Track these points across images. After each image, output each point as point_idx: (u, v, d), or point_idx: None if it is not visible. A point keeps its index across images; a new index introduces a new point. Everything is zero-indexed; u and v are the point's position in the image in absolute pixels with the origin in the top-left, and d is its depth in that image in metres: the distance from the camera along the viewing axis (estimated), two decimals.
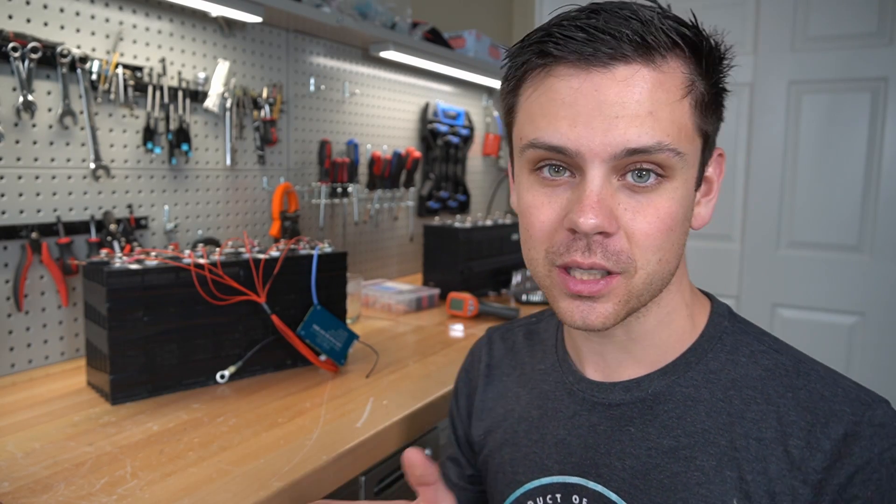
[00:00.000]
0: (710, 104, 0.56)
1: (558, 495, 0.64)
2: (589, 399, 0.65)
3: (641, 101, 0.51)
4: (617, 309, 0.55)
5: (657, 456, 0.59)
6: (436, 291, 1.93)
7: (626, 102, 0.51)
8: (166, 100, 1.46)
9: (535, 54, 0.54)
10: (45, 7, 1.23)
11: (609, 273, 0.54)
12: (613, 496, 0.60)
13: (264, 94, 1.71)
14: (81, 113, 1.29)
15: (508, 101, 0.60)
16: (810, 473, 0.53)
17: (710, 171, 0.61)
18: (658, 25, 0.51)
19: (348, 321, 1.46)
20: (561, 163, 0.55)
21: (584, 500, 0.62)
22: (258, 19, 1.53)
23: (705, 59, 0.54)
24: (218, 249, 1.23)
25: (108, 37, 1.34)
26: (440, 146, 2.48)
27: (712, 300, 0.66)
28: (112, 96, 1.35)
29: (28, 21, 1.21)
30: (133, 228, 1.41)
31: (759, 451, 0.55)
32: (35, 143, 1.23)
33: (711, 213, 0.62)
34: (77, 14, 1.28)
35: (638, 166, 0.52)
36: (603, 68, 0.51)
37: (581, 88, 0.52)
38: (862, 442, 0.52)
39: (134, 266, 1.09)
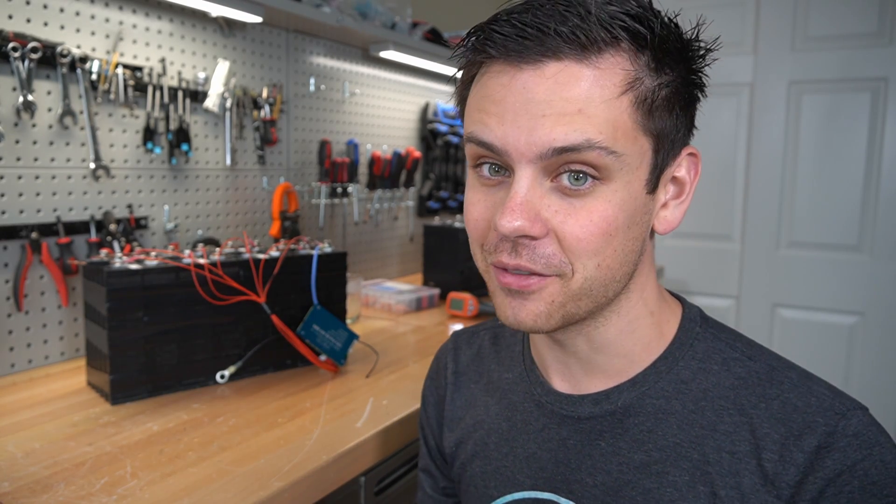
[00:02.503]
0: (665, 102, 0.51)
1: None
2: (558, 412, 0.62)
3: (570, 99, 0.48)
4: (549, 309, 0.53)
5: (629, 472, 0.57)
6: (436, 291, 1.93)
7: (553, 100, 0.48)
8: (166, 100, 1.46)
9: (471, 51, 0.54)
10: (45, 7, 1.23)
11: (540, 274, 0.52)
12: None
13: (264, 94, 1.71)
14: (81, 113, 1.29)
15: (462, 95, 0.59)
16: (783, 488, 0.51)
17: (682, 172, 0.57)
18: (596, 19, 0.48)
19: (348, 321, 1.46)
20: (496, 161, 0.53)
21: None
22: (258, 19, 1.53)
23: (655, 53, 0.50)
24: (218, 249, 1.23)
25: (108, 37, 1.34)
26: (440, 146, 2.48)
27: (684, 304, 0.63)
28: (112, 96, 1.35)
29: (28, 21, 1.21)
30: (133, 228, 1.41)
31: (731, 464, 0.53)
32: (35, 143, 1.23)
33: (682, 217, 0.57)
34: (77, 14, 1.28)
35: (570, 168, 0.50)
36: (533, 66, 0.49)
37: (510, 86, 0.50)
38: (835, 454, 0.50)
39: (134, 266, 1.09)
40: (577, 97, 0.48)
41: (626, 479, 0.57)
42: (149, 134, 1.42)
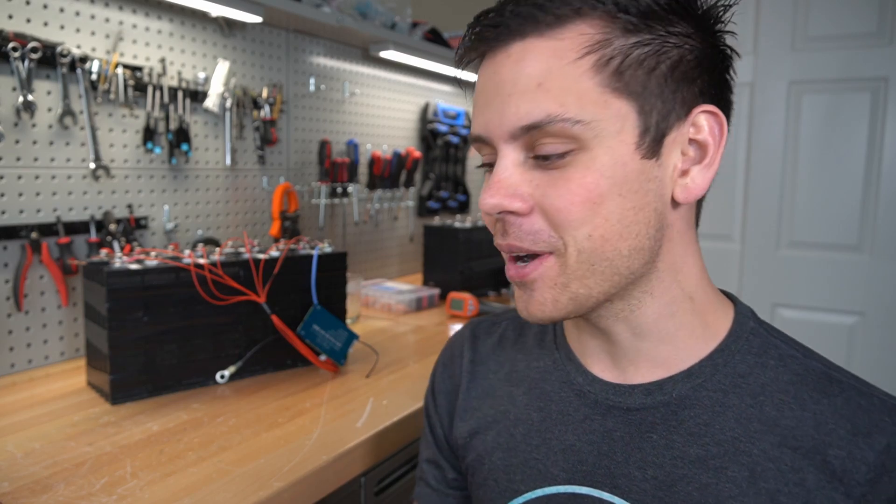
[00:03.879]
0: (639, 60, 0.49)
1: None
2: (603, 402, 0.59)
3: (531, 74, 0.50)
4: (555, 294, 0.53)
5: (683, 466, 0.54)
6: (436, 291, 1.93)
7: (518, 78, 0.50)
8: (166, 100, 1.46)
9: (466, 56, 0.56)
10: (45, 7, 1.23)
11: (537, 256, 0.53)
12: None
13: (264, 94, 1.71)
14: (81, 113, 1.29)
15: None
16: (853, 486, 0.49)
17: (702, 134, 0.53)
18: None
19: (348, 321, 1.46)
20: (490, 154, 0.55)
21: None
22: (258, 19, 1.53)
23: (634, 13, 0.49)
24: (218, 249, 1.23)
25: (108, 37, 1.34)
26: (440, 146, 2.48)
27: (735, 301, 0.62)
28: (112, 96, 1.35)
29: (28, 21, 1.21)
30: (133, 228, 1.41)
31: (794, 460, 0.51)
32: (35, 143, 1.23)
33: (709, 183, 0.54)
34: (77, 14, 1.28)
35: (542, 142, 0.50)
36: (502, 50, 0.52)
37: (485, 74, 0.53)
38: None
39: (134, 266, 1.09)
40: (536, 72, 0.50)
41: (680, 474, 0.54)
42: (149, 134, 1.42)
